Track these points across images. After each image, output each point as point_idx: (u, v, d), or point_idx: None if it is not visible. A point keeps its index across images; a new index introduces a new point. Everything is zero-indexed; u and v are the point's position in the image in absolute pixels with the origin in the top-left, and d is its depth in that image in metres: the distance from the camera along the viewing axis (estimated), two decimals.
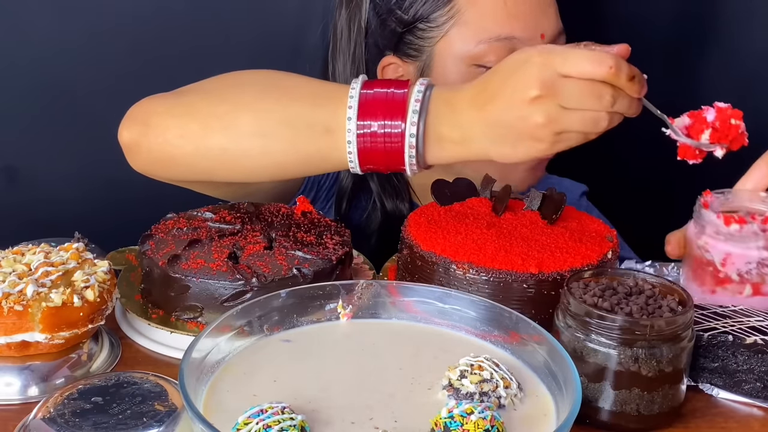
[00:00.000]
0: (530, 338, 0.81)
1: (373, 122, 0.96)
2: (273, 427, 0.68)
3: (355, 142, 0.96)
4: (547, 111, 0.89)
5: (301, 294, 0.86)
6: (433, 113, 0.96)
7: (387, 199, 1.31)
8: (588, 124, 0.91)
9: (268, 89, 1.03)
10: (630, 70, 0.90)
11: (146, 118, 1.05)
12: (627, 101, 0.91)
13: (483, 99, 0.94)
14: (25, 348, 0.87)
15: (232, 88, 1.05)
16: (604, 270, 0.92)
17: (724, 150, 0.97)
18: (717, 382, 0.91)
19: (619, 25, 1.56)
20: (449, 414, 0.70)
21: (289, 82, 1.05)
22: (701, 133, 0.96)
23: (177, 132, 1.02)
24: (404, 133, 0.95)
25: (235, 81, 1.06)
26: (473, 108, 0.94)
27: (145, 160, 1.07)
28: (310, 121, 0.98)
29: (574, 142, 0.93)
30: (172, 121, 1.03)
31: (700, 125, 0.96)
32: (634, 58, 1.51)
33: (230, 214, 1.08)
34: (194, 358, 0.75)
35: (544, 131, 0.91)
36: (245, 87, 1.04)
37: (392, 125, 0.95)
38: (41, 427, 0.78)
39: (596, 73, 0.88)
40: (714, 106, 0.97)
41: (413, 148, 0.96)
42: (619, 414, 0.84)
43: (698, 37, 1.52)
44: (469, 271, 0.93)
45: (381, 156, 0.97)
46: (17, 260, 0.92)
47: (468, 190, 1.10)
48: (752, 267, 0.99)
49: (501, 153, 0.95)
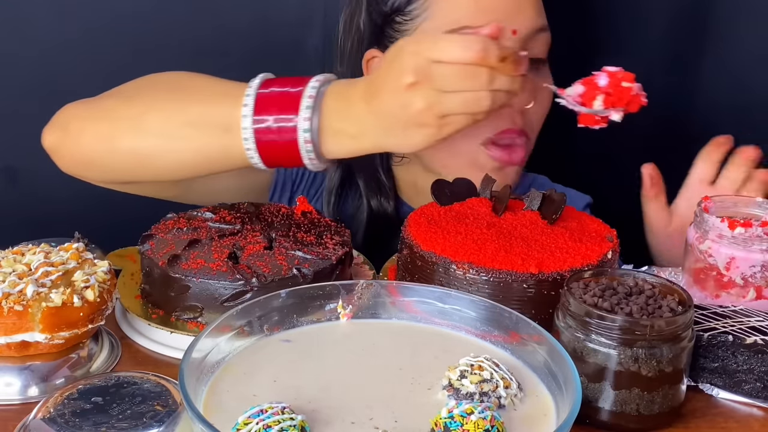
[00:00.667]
0: (530, 338, 0.81)
1: (269, 118, 0.99)
2: (273, 427, 0.68)
3: (252, 139, 0.99)
4: (425, 96, 0.92)
5: (301, 294, 0.86)
6: (327, 108, 0.98)
7: (372, 196, 1.32)
8: (470, 104, 0.93)
9: (174, 91, 1.07)
10: (501, 51, 0.92)
11: (66, 122, 1.10)
12: (506, 79, 0.93)
13: (371, 92, 0.97)
14: (25, 348, 0.87)
15: (144, 90, 1.09)
16: (604, 270, 0.92)
17: (621, 113, 0.97)
18: (717, 382, 0.91)
19: (618, 23, 1.56)
20: (449, 414, 0.70)
21: (195, 83, 1.08)
22: (594, 100, 0.96)
23: (92, 135, 1.07)
24: (297, 128, 0.98)
25: (147, 84, 1.10)
26: (363, 101, 0.97)
27: (68, 163, 1.12)
28: (211, 121, 1.01)
29: (461, 124, 0.95)
30: (88, 125, 1.08)
31: (592, 92, 0.97)
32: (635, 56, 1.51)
33: (230, 214, 1.08)
34: (194, 358, 0.75)
35: (427, 116, 0.93)
36: (155, 90, 1.08)
37: (286, 120, 0.98)
38: (41, 427, 0.78)
39: (465, 57, 0.91)
40: (604, 71, 0.97)
41: (309, 142, 0.98)
42: (619, 414, 0.84)
43: (697, 34, 1.52)
44: (469, 271, 0.93)
45: (279, 151, 1.00)
46: (17, 260, 0.92)
47: (468, 190, 1.10)
48: (756, 270, 0.99)
49: (394, 143, 0.99)
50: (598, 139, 1.42)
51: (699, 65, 1.53)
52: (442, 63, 0.91)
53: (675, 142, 1.58)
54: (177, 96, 1.06)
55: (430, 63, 0.92)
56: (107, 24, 1.50)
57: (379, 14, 1.24)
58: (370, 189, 1.32)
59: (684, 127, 1.58)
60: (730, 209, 1.06)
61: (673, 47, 1.54)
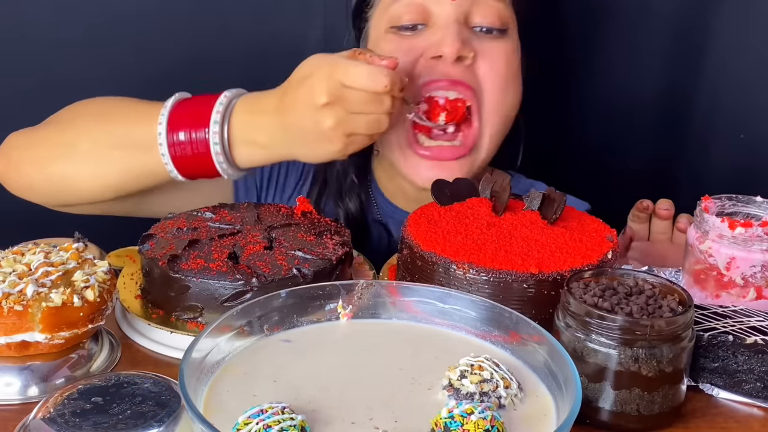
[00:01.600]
0: (530, 338, 0.81)
1: (182, 133, 1.07)
2: (273, 427, 0.68)
3: (168, 154, 1.08)
4: (336, 116, 1.02)
5: (301, 294, 0.86)
6: (237, 120, 1.07)
7: (347, 196, 1.32)
8: (372, 125, 1.04)
9: (102, 116, 1.14)
10: (401, 82, 1.04)
11: (8, 152, 1.19)
12: (399, 102, 1.06)
13: (284, 106, 1.05)
14: (25, 348, 0.87)
15: (77, 117, 1.17)
16: (604, 270, 0.92)
17: (454, 127, 1.19)
18: (717, 382, 0.91)
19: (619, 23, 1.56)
20: (449, 414, 0.70)
21: (120, 107, 1.16)
22: (438, 117, 1.17)
23: (29, 163, 1.16)
24: (208, 141, 1.06)
25: (80, 111, 1.18)
26: (275, 115, 1.06)
27: (14, 189, 1.20)
28: (133, 141, 1.10)
29: (361, 143, 1.06)
30: (26, 153, 1.17)
31: (435, 109, 1.18)
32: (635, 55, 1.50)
33: (230, 214, 1.08)
34: (194, 358, 0.75)
35: (335, 133, 1.03)
36: (86, 116, 1.16)
37: (198, 134, 1.07)
38: (41, 427, 0.78)
39: (374, 88, 1.00)
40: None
41: (220, 154, 1.07)
42: (619, 414, 0.84)
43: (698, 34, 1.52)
44: (469, 271, 0.93)
45: (194, 163, 1.08)
46: (17, 260, 0.92)
47: (468, 190, 1.10)
48: (757, 270, 0.99)
49: (303, 154, 1.08)
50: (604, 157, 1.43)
51: (699, 65, 1.53)
52: (352, 89, 1.00)
53: (675, 141, 1.58)
54: (104, 121, 1.14)
55: (342, 87, 1.01)
56: (108, 25, 1.50)
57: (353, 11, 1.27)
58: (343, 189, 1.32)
59: (684, 127, 1.58)
60: (731, 209, 1.06)
61: (673, 47, 1.54)
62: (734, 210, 1.06)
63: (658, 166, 1.59)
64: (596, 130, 1.61)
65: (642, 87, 1.57)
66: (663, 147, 1.58)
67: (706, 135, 1.54)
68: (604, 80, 1.59)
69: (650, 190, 1.60)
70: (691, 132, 1.55)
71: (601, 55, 1.59)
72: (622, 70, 1.57)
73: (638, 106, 1.57)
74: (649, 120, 1.58)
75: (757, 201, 1.06)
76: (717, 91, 1.52)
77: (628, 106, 1.58)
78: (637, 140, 1.59)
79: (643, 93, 1.57)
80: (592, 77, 1.59)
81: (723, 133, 1.53)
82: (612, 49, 1.57)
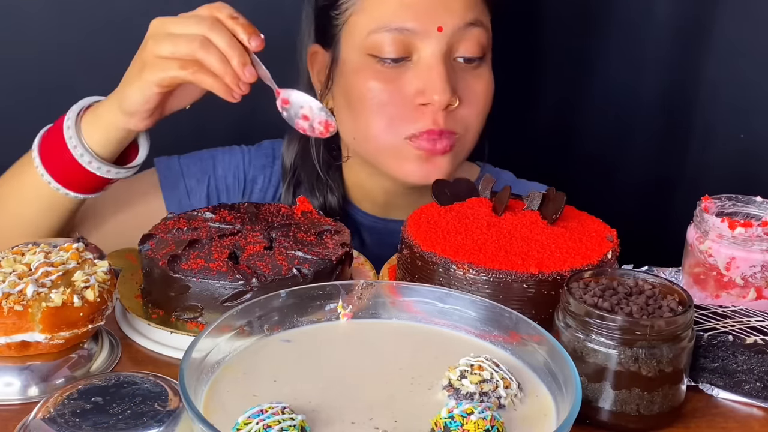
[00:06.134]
0: (530, 338, 0.81)
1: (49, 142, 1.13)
2: (273, 427, 0.68)
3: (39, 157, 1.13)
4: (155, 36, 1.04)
5: (301, 294, 0.86)
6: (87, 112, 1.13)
7: (315, 196, 1.32)
8: (180, 42, 1.02)
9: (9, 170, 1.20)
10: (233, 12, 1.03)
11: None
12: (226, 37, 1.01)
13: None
14: (25, 348, 0.87)
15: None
16: (604, 270, 0.92)
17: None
18: (717, 382, 0.91)
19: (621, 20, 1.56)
20: (449, 414, 0.70)
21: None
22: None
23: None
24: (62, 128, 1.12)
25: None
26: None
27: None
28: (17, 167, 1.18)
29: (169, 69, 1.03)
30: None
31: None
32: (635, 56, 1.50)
33: (230, 214, 1.08)
34: (194, 358, 0.75)
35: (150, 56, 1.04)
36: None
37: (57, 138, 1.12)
38: (41, 427, 0.78)
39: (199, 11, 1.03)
40: None
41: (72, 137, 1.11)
42: (619, 414, 0.84)
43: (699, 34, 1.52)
44: (469, 271, 0.93)
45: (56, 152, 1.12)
46: (17, 260, 0.92)
47: (468, 190, 1.10)
48: (757, 270, 0.99)
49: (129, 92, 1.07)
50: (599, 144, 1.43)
51: (699, 65, 1.53)
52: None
53: (675, 141, 1.58)
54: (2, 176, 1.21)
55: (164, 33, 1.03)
56: (108, 24, 1.50)
57: (317, 9, 1.26)
58: (312, 190, 1.33)
59: (684, 127, 1.58)
60: (730, 209, 1.06)
61: (673, 47, 1.54)
62: (734, 210, 1.06)
63: (658, 166, 1.59)
64: (596, 130, 1.61)
65: (642, 87, 1.57)
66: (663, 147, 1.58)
67: (706, 135, 1.54)
68: (604, 80, 1.59)
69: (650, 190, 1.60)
70: (691, 132, 1.55)
71: (601, 56, 1.59)
72: (622, 71, 1.57)
73: (638, 107, 1.57)
74: (649, 120, 1.58)
75: (757, 201, 1.06)
76: (717, 91, 1.52)
77: (629, 106, 1.58)
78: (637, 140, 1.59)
79: (643, 93, 1.57)
80: (592, 78, 1.60)
81: (723, 133, 1.53)
82: (612, 50, 1.57)
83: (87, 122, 1.12)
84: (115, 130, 1.11)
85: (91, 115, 1.12)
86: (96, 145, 1.11)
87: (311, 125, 1.07)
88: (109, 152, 1.13)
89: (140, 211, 1.28)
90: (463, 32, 1.18)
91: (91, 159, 1.11)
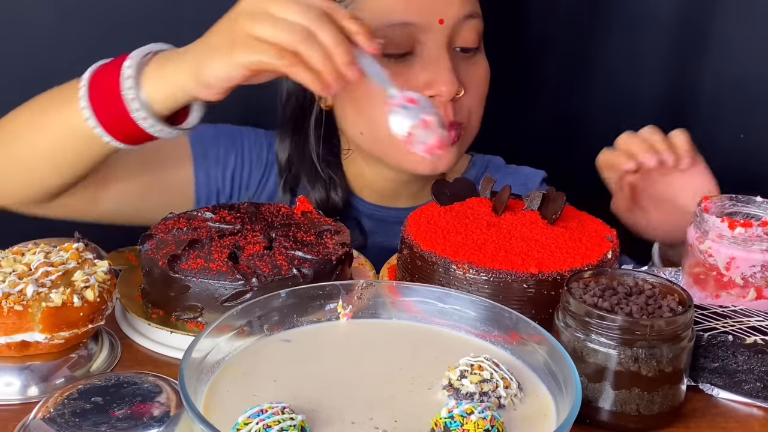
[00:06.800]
0: (530, 338, 0.81)
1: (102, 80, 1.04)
2: (273, 427, 0.68)
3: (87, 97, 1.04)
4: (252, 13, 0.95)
5: (301, 294, 0.86)
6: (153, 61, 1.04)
7: (314, 190, 1.32)
8: (282, 28, 0.93)
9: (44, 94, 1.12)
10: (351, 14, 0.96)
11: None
12: (334, 33, 0.94)
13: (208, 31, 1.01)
14: (25, 348, 0.87)
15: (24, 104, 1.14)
16: (604, 270, 0.92)
17: None
18: (717, 382, 0.91)
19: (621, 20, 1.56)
20: (449, 414, 0.70)
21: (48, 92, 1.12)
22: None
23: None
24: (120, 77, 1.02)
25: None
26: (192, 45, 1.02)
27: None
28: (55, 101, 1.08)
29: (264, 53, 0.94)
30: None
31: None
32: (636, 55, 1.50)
33: (230, 214, 1.08)
34: (194, 358, 0.75)
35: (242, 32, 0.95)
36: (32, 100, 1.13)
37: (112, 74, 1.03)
38: (41, 427, 0.78)
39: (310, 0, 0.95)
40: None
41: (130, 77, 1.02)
42: (619, 414, 0.84)
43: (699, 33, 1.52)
44: (469, 271, 0.93)
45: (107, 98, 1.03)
46: (17, 260, 0.92)
47: (468, 190, 1.10)
48: (756, 270, 0.99)
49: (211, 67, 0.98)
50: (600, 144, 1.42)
51: (699, 65, 1.53)
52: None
53: None
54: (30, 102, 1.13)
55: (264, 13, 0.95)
56: (108, 24, 1.50)
57: None
58: (311, 183, 1.32)
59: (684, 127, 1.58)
60: (730, 209, 1.06)
61: (673, 47, 1.54)
62: (734, 210, 1.06)
63: None
64: (596, 130, 1.61)
65: (642, 87, 1.57)
66: None
67: (706, 135, 1.54)
68: (604, 80, 1.59)
69: None
70: (691, 132, 1.55)
71: (601, 56, 1.59)
72: (622, 71, 1.57)
73: (638, 106, 1.57)
74: (648, 120, 1.58)
75: (757, 201, 1.06)
76: (717, 91, 1.52)
77: (629, 106, 1.58)
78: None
79: (643, 93, 1.57)
80: (592, 78, 1.59)
81: (723, 133, 1.53)
82: (612, 50, 1.57)
83: (150, 78, 1.03)
84: (183, 95, 1.02)
85: (156, 71, 1.03)
86: (156, 102, 1.03)
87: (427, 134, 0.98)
88: (165, 111, 1.04)
89: (169, 176, 1.26)
90: (462, 23, 1.19)
91: (146, 115, 1.02)
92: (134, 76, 1.02)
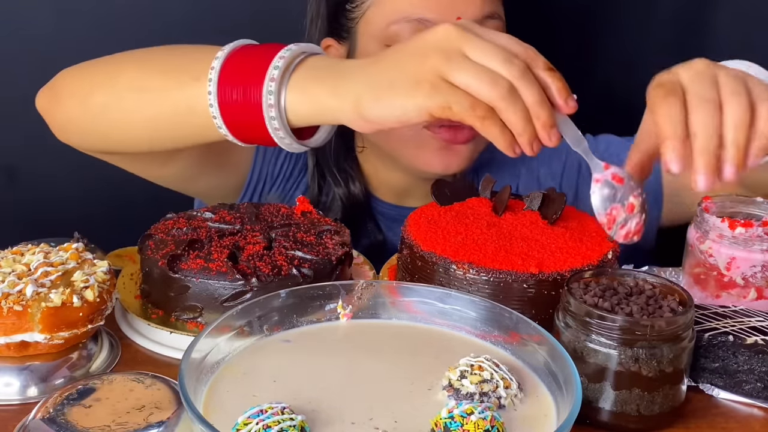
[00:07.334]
0: (530, 338, 0.81)
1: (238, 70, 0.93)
2: (273, 427, 0.68)
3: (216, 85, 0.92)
4: (446, 51, 0.84)
5: (301, 294, 0.86)
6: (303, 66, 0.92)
7: (338, 184, 1.32)
8: (483, 79, 0.82)
9: (160, 49, 1.04)
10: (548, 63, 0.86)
11: (54, 84, 1.10)
12: (536, 91, 0.84)
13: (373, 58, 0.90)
14: (25, 348, 0.87)
15: (126, 53, 1.06)
16: (604, 270, 0.92)
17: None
18: (717, 382, 0.91)
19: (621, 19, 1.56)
20: (449, 414, 0.70)
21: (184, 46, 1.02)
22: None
23: (72, 95, 1.07)
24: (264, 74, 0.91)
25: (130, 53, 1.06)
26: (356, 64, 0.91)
27: (56, 127, 1.11)
28: (182, 69, 0.97)
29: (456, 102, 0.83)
30: (71, 86, 1.08)
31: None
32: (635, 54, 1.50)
33: (230, 214, 1.08)
34: (194, 358, 0.75)
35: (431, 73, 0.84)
36: (134, 52, 1.05)
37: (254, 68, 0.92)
38: (41, 427, 0.78)
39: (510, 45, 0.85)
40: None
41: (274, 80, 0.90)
42: (619, 414, 0.83)
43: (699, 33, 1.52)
44: (469, 271, 0.93)
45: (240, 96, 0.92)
46: (17, 260, 0.92)
47: (468, 190, 1.10)
48: (757, 270, 0.99)
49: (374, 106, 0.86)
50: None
51: None
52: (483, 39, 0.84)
53: None
54: (158, 51, 1.04)
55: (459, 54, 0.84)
56: (108, 24, 1.50)
57: (329, 2, 1.25)
58: (335, 178, 1.32)
59: None
60: (731, 209, 1.06)
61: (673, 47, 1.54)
62: (734, 210, 1.06)
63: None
64: (596, 130, 1.61)
65: (642, 87, 1.57)
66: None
67: None
68: (604, 80, 1.59)
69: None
70: None
71: (601, 55, 1.59)
72: (622, 70, 1.57)
73: (638, 106, 1.57)
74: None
75: (757, 201, 1.06)
76: None
77: (629, 106, 1.58)
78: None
79: (643, 92, 1.57)
80: (592, 77, 1.59)
81: None
82: (612, 49, 1.57)
83: (296, 92, 0.91)
84: (331, 119, 0.92)
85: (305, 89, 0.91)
86: (294, 116, 0.91)
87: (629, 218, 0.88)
88: (298, 125, 0.94)
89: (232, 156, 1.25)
90: (481, 23, 1.16)
91: (279, 127, 0.92)
92: (278, 80, 0.90)
